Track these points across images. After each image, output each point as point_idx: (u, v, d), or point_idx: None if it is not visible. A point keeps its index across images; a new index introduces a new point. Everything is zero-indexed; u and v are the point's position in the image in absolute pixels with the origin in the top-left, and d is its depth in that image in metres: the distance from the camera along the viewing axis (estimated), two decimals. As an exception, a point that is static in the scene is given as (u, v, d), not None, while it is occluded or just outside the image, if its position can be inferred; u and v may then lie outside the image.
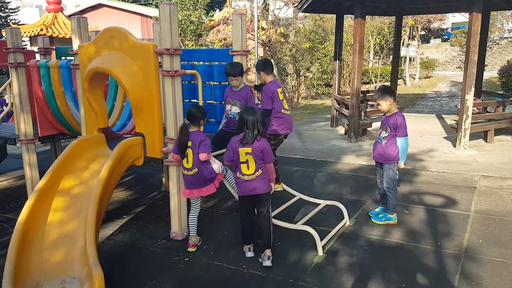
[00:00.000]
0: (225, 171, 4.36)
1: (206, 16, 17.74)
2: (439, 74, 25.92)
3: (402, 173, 6.43)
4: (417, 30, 22.71)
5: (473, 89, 7.47)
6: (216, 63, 5.45)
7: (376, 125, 10.23)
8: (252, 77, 13.63)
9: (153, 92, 4.06)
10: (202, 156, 3.91)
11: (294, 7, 15.66)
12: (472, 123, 7.60)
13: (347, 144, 8.55)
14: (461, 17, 40.55)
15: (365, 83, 19.99)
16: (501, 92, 12.69)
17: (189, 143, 3.94)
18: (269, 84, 4.81)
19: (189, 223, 4.19)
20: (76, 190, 3.89)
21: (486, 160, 7.05)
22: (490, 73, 23.52)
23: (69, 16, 21.57)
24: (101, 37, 4.24)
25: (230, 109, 4.69)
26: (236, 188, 4.43)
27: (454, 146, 7.92)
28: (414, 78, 22.42)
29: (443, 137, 8.92)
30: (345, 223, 4.55)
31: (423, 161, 7.05)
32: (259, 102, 5.05)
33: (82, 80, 4.29)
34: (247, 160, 3.66)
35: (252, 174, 3.69)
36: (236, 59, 4.95)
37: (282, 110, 4.75)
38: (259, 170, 3.70)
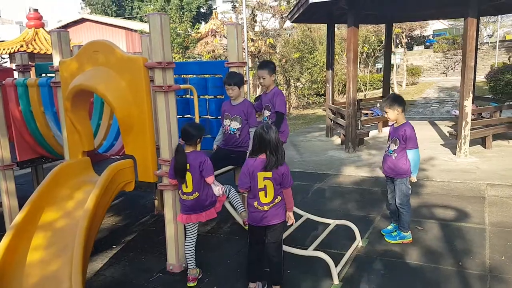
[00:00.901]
0: (227, 192, 3.99)
1: (192, 28, 17.48)
2: (424, 80, 26.01)
3: (407, 185, 6.16)
4: (403, 38, 22.78)
5: (471, 95, 7.27)
6: (210, 76, 5.12)
7: (373, 133, 10.03)
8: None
9: (144, 109, 3.69)
10: (209, 180, 3.58)
11: (281, 18, 15.50)
12: (471, 130, 7.39)
13: (345, 155, 8.25)
14: (441, 25, 41.15)
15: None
16: (491, 97, 12.60)
17: (187, 166, 3.58)
18: (277, 88, 4.56)
19: (186, 252, 3.79)
20: (59, 223, 3.48)
21: (488, 167, 6.82)
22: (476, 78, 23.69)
23: (63, 26, 21.05)
24: (84, 52, 3.87)
25: (230, 125, 4.33)
26: (239, 209, 4.08)
27: (454, 153, 7.69)
28: (401, 85, 22.41)
29: (441, 144, 8.69)
30: (357, 244, 4.21)
31: (425, 171, 6.78)
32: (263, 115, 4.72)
33: (64, 99, 3.90)
34: (265, 186, 3.20)
35: (270, 203, 3.24)
36: (232, 71, 4.63)
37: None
38: (278, 196, 3.27)
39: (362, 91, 19.26)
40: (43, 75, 5.95)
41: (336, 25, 11.96)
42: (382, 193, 5.84)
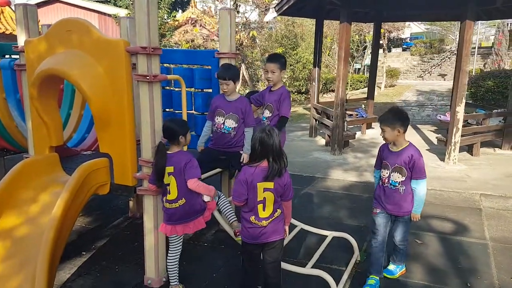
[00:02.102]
0: (217, 198, 3.52)
1: (169, 16, 16.80)
2: (401, 83, 26.06)
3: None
4: (383, 39, 22.76)
5: (464, 100, 7.06)
6: (198, 66, 4.63)
7: (356, 135, 9.74)
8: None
9: (124, 101, 3.18)
10: (190, 183, 3.07)
11: (265, 10, 15.03)
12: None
13: (330, 157, 7.92)
14: (417, 28, 41.69)
15: (333, 91, 19.67)
16: (475, 103, 12.58)
17: (171, 169, 3.10)
18: (285, 87, 4.11)
19: (168, 267, 3.32)
20: (21, 231, 2.94)
21: (478, 176, 6.63)
22: (452, 82, 23.98)
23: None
24: (55, 31, 3.32)
25: (223, 123, 3.85)
26: (230, 219, 3.61)
27: (441, 159, 7.50)
28: (380, 87, 22.37)
29: (426, 149, 8.49)
30: (356, 259, 3.84)
31: (415, 177, 6.51)
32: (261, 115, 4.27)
33: (29, 85, 3.33)
34: (264, 198, 2.76)
35: (269, 217, 2.81)
36: (223, 62, 4.18)
37: None
38: (277, 210, 2.84)
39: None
40: (6, 56, 5.30)
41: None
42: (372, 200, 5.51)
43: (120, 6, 22.79)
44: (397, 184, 3.29)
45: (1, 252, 2.83)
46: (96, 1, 22.86)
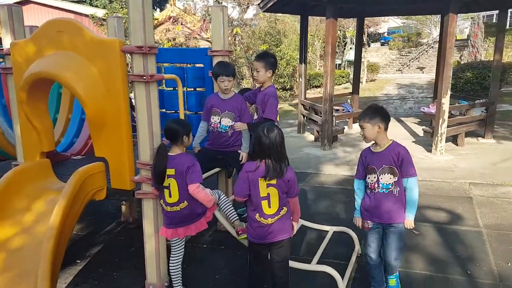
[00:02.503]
0: (217, 198, 3.46)
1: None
2: (382, 77, 26.36)
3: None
4: (364, 34, 22.95)
5: (449, 92, 7.16)
6: (190, 65, 4.55)
7: (345, 130, 9.78)
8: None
9: (120, 102, 3.09)
10: (191, 188, 2.99)
11: (246, 7, 14.95)
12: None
13: (321, 152, 7.93)
14: (394, 23, 42.24)
15: (316, 86, 19.76)
16: (458, 94, 12.82)
17: (172, 171, 3.02)
18: (273, 88, 3.98)
19: (171, 271, 3.25)
20: (17, 242, 2.83)
21: (466, 165, 6.73)
22: (431, 75, 24.36)
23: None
24: (44, 32, 3.19)
25: (220, 122, 3.79)
26: (232, 218, 3.56)
27: (428, 150, 7.60)
28: (362, 82, 22.57)
29: (412, 141, 8.59)
30: (357, 253, 3.85)
31: (405, 169, 6.58)
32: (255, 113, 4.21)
33: (18, 89, 3.20)
34: (268, 194, 2.71)
35: (275, 214, 2.75)
36: (217, 60, 4.11)
37: None
38: (284, 207, 2.79)
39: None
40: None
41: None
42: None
43: (96, 6, 22.37)
44: (390, 186, 2.91)
45: (-2, 264, 2.72)
46: (72, 1, 22.36)
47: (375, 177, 2.95)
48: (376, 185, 2.95)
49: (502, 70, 10.84)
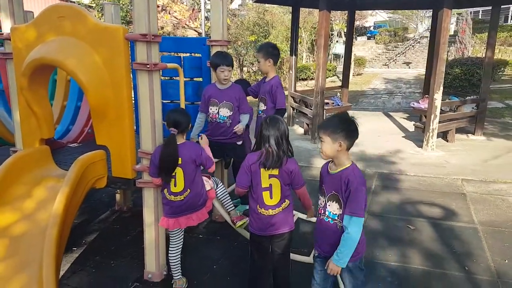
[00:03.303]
0: (215, 186, 3.46)
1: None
2: (368, 71, 26.55)
3: (384, 178, 5.98)
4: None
5: (441, 88, 7.22)
6: (187, 54, 4.49)
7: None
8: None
9: (123, 91, 3.04)
10: (212, 169, 3.23)
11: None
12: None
13: (311, 146, 7.96)
14: (380, 17, 42.44)
15: (303, 79, 19.78)
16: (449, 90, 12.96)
17: (179, 160, 3.00)
18: (276, 77, 4.04)
19: (171, 261, 3.24)
20: (18, 229, 2.77)
21: (457, 161, 6.83)
22: (417, 70, 24.65)
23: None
24: (45, 18, 3.11)
25: (218, 112, 3.77)
26: (228, 207, 3.57)
27: (419, 146, 7.68)
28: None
29: (402, 136, 8.69)
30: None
31: (396, 164, 6.66)
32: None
33: (19, 75, 3.11)
34: (270, 185, 2.70)
35: (276, 206, 2.73)
36: (215, 50, 4.08)
37: None
38: (286, 200, 2.79)
39: (312, 79, 19.20)
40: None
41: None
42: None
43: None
44: (336, 218, 2.41)
45: (0, 252, 2.66)
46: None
47: (323, 202, 2.50)
48: (322, 211, 2.49)
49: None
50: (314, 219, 2.97)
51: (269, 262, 2.95)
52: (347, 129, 2.36)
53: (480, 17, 29.26)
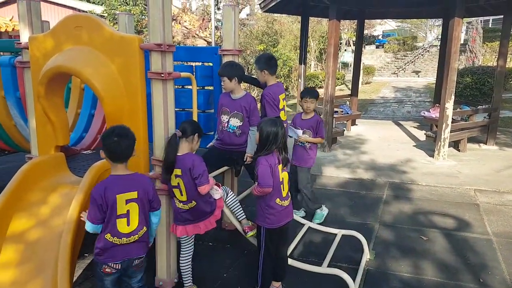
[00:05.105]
0: (224, 195, 3.46)
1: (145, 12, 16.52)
2: (377, 80, 26.52)
3: (395, 188, 5.95)
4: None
5: (453, 97, 7.19)
6: (199, 63, 4.53)
7: (345, 133, 9.78)
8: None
9: (138, 100, 3.07)
10: (203, 190, 3.00)
11: (243, 7, 14.94)
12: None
13: (320, 154, 7.93)
14: (389, 26, 42.45)
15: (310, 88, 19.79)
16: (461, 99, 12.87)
17: (178, 171, 3.00)
18: (271, 87, 4.01)
19: (182, 268, 3.25)
20: (33, 234, 2.80)
21: (469, 171, 6.77)
22: (426, 79, 24.55)
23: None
24: (63, 27, 3.16)
25: (228, 121, 3.77)
26: (239, 216, 3.57)
27: (430, 155, 7.63)
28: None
29: (413, 146, 8.64)
30: (366, 257, 3.85)
31: (407, 173, 6.62)
32: None
33: (36, 83, 3.16)
34: (283, 179, 3.05)
35: (287, 197, 3.10)
36: (227, 59, 4.11)
37: None
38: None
39: (320, 87, 19.21)
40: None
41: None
42: (371, 197, 5.58)
43: (93, 2, 22.15)
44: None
45: (14, 256, 2.69)
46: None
47: None
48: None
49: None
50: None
51: (284, 248, 3.27)
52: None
53: (490, 26, 29.09)
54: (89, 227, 2.51)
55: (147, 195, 2.61)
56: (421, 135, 9.28)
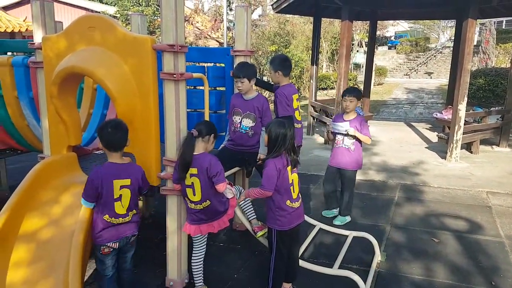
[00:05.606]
0: (237, 194, 3.45)
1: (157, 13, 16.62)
2: (389, 81, 26.34)
3: (407, 190, 5.89)
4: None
5: (465, 99, 7.12)
6: (211, 64, 4.55)
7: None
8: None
9: (150, 100, 3.10)
10: (221, 188, 3.03)
11: (256, 8, 14.96)
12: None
13: (332, 155, 7.90)
14: (401, 27, 42.12)
15: (323, 89, 19.73)
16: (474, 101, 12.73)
17: (194, 170, 3.01)
18: (284, 87, 4.01)
19: (193, 268, 3.26)
20: (45, 233, 2.84)
21: (482, 173, 6.69)
22: (439, 81, 24.33)
23: (3, 8, 19.29)
24: (76, 28, 3.20)
25: (241, 122, 3.78)
26: (250, 216, 3.59)
27: (442, 157, 7.55)
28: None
29: (425, 147, 8.56)
30: (377, 259, 3.82)
31: (419, 175, 6.56)
32: None
33: (49, 83, 3.20)
34: (293, 180, 3.03)
35: (298, 198, 3.10)
36: (239, 60, 4.11)
37: (294, 124, 3.94)
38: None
39: (332, 89, 19.16)
40: (9, 53, 5.12)
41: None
42: (382, 198, 5.54)
43: (106, 3, 22.37)
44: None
45: (26, 255, 2.72)
46: (83, -3, 22.34)
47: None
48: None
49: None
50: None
51: (295, 249, 3.24)
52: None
53: (504, 27, 28.71)
54: (83, 203, 2.82)
55: (138, 182, 2.94)
56: (433, 136, 9.19)
